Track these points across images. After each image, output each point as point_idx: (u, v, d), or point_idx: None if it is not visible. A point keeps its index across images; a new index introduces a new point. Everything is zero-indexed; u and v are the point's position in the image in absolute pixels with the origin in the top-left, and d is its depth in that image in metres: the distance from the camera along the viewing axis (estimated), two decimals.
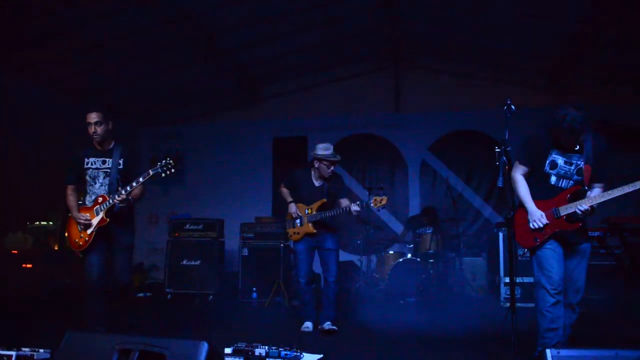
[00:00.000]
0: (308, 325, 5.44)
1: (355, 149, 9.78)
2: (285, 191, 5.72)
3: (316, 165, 5.47)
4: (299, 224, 5.51)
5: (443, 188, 8.99)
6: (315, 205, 5.46)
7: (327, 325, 5.30)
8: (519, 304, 3.53)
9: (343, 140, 9.83)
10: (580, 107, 3.52)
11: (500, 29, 7.70)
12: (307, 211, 5.50)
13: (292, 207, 5.56)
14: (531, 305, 5.08)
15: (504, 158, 3.46)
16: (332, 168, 5.47)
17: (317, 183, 5.56)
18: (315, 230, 5.40)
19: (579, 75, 8.51)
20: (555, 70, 8.56)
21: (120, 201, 4.34)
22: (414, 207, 9.17)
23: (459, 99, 9.32)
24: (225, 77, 9.12)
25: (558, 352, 2.69)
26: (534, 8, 6.87)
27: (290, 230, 5.60)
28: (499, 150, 3.49)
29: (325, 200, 5.47)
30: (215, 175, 10.03)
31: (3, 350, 3.65)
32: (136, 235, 4.88)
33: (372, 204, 5.21)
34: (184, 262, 7.92)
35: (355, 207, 5.28)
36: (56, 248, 11.47)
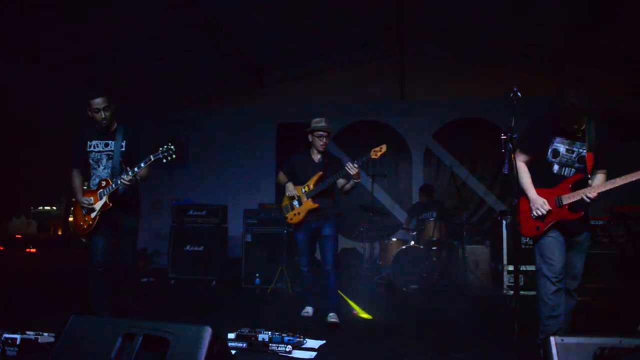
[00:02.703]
0: (308, 310, 5.55)
1: (359, 136, 9.77)
2: (281, 175, 5.61)
3: (310, 139, 5.44)
4: (297, 205, 5.38)
5: (447, 176, 8.98)
6: (312, 181, 5.31)
7: (330, 318, 5.14)
8: (521, 292, 3.53)
9: (347, 127, 9.83)
10: (579, 89, 3.55)
11: (504, 16, 7.62)
12: (304, 190, 5.35)
13: (290, 186, 5.42)
14: (532, 293, 5.09)
15: (510, 145, 3.45)
16: (324, 140, 5.36)
17: (316, 160, 5.44)
18: (317, 205, 5.25)
19: (583, 63, 8.44)
20: (560, 58, 8.49)
21: (128, 181, 4.34)
22: (417, 195, 9.16)
23: (464, 86, 9.25)
24: (230, 63, 9.05)
25: (562, 340, 2.69)
26: None
27: (290, 214, 5.43)
28: (504, 137, 3.47)
29: (321, 172, 5.29)
30: (219, 161, 10.04)
31: (8, 333, 3.69)
32: (139, 221, 4.87)
33: (371, 155, 4.99)
34: (188, 247, 7.95)
35: (353, 167, 4.97)
36: (59, 233, 11.54)
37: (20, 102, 7.47)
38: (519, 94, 3.53)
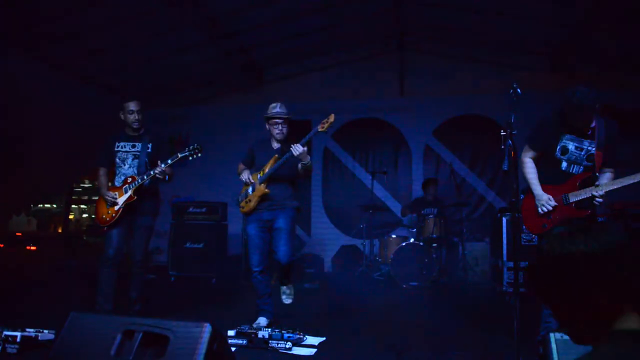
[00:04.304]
0: (260, 321, 4.72)
1: (359, 133, 9.76)
2: (240, 166, 5.07)
3: (267, 128, 4.94)
4: (250, 192, 4.83)
5: (447, 173, 8.97)
6: (267, 166, 4.77)
7: (284, 297, 5.04)
8: (521, 289, 3.53)
9: (347, 124, 9.81)
10: (589, 85, 3.52)
11: (505, 12, 7.62)
12: (259, 175, 4.81)
13: (245, 172, 4.89)
14: None
15: (510, 142, 3.44)
16: (280, 128, 4.83)
17: (275, 147, 4.91)
18: (268, 190, 4.68)
19: (583, 60, 8.43)
20: (560, 55, 8.48)
21: (160, 173, 4.64)
22: (417, 192, 9.16)
23: (464, 83, 9.25)
24: (230, 60, 9.06)
25: (562, 336, 2.69)
26: None
27: (242, 203, 4.89)
28: (504, 133, 3.46)
29: (277, 156, 4.74)
30: (218, 159, 10.01)
31: (8, 330, 3.70)
32: (155, 221, 5.09)
33: (319, 129, 4.56)
34: (188, 245, 7.95)
35: (297, 146, 4.53)
36: (60, 230, 11.53)
37: (19, 98, 7.46)
38: (518, 90, 3.52)
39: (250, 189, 4.84)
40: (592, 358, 1.19)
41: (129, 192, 4.73)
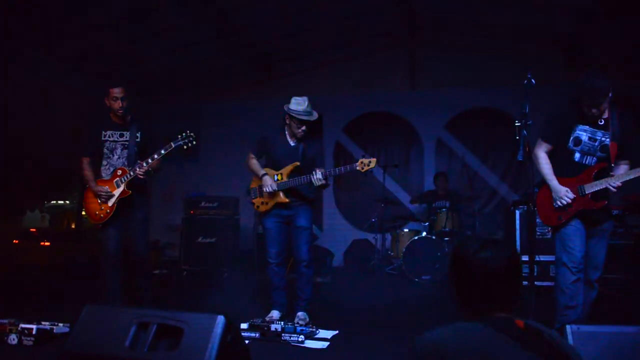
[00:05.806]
0: (273, 314, 4.76)
1: (370, 127, 9.73)
2: (254, 162, 4.85)
3: (287, 122, 4.73)
4: (267, 190, 4.70)
5: (459, 166, 8.92)
6: (287, 170, 4.67)
7: (299, 317, 4.68)
8: (536, 283, 3.50)
9: (358, 118, 9.79)
10: (601, 71, 3.50)
11: (517, 4, 7.53)
12: (276, 177, 4.68)
13: (267, 180, 4.65)
14: (547, 283, 5.05)
15: (525, 132, 3.40)
16: (304, 128, 4.66)
17: (292, 143, 4.78)
18: (287, 200, 4.62)
19: (597, 52, 8.31)
20: (573, 46, 8.37)
21: (143, 173, 4.47)
22: (429, 186, 9.11)
23: (475, 76, 9.16)
24: (240, 55, 9.05)
25: (578, 328, 2.65)
26: None
27: (257, 201, 4.76)
28: (519, 124, 3.42)
29: (298, 163, 4.66)
30: (230, 153, 10.03)
31: (24, 323, 3.76)
32: (152, 212, 4.99)
33: (357, 167, 4.48)
34: (200, 239, 7.98)
35: (318, 175, 4.46)
36: (73, 226, 11.61)
37: (31, 95, 7.51)
38: (532, 80, 3.48)
39: (267, 188, 4.71)
40: (460, 326, 1.80)
41: (122, 187, 4.54)
